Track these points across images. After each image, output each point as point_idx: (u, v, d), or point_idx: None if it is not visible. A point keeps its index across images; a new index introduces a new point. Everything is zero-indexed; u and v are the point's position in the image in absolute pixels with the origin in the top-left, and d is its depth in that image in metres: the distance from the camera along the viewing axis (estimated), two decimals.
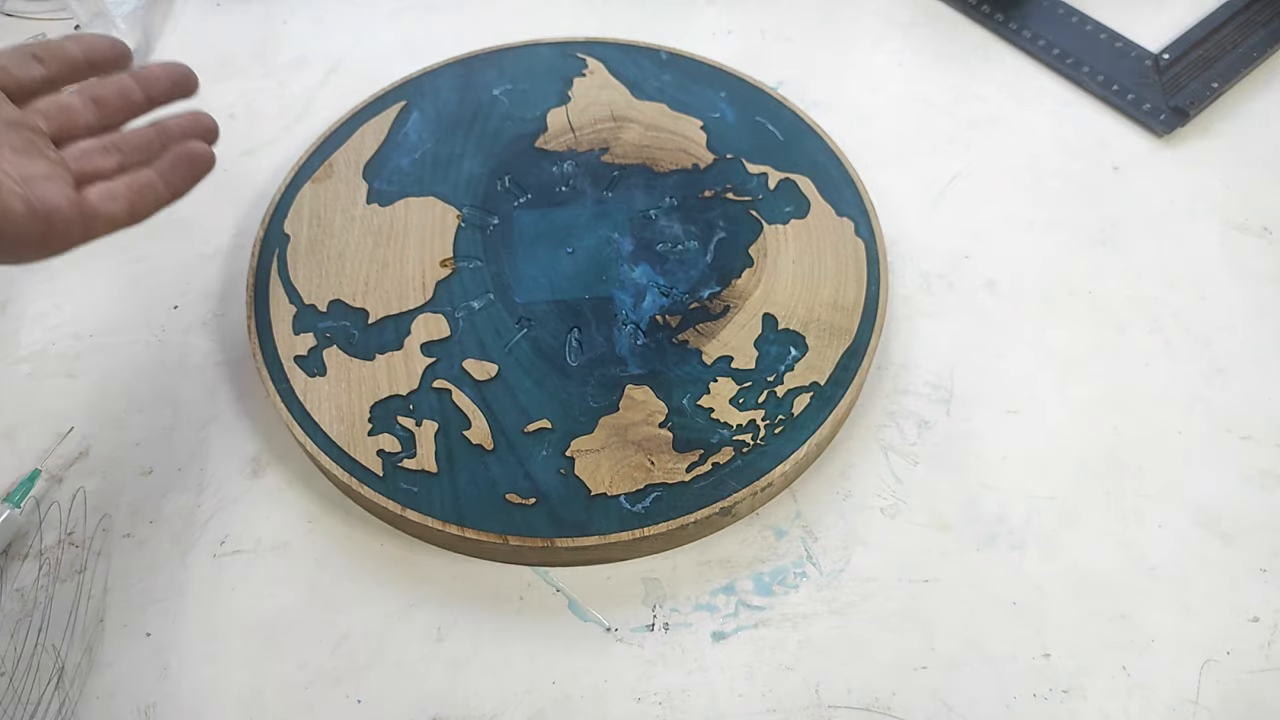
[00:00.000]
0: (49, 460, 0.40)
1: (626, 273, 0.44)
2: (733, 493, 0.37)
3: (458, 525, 0.36)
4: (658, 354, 0.41)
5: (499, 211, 0.46)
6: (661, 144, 0.48)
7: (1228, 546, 0.38)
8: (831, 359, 0.41)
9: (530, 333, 0.41)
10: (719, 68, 0.51)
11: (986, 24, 0.56)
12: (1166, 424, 0.42)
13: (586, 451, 0.38)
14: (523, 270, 0.44)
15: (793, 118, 0.49)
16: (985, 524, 0.39)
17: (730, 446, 0.38)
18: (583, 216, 0.46)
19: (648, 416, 0.39)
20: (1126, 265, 0.46)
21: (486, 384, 0.40)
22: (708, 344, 0.41)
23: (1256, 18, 0.55)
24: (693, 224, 0.45)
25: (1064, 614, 0.37)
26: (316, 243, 0.44)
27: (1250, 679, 0.35)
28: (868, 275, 0.43)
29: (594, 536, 0.36)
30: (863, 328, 0.42)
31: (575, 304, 0.42)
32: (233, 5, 0.58)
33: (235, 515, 0.39)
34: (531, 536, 0.36)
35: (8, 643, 0.36)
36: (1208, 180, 0.50)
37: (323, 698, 0.35)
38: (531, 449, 0.38)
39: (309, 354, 0.41)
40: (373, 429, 0.39)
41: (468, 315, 0.42)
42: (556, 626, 0.37)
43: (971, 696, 0.35)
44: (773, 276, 0.43)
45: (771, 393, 0.40)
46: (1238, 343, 0.44)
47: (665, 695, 0.35)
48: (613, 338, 0.41)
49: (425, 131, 0.48)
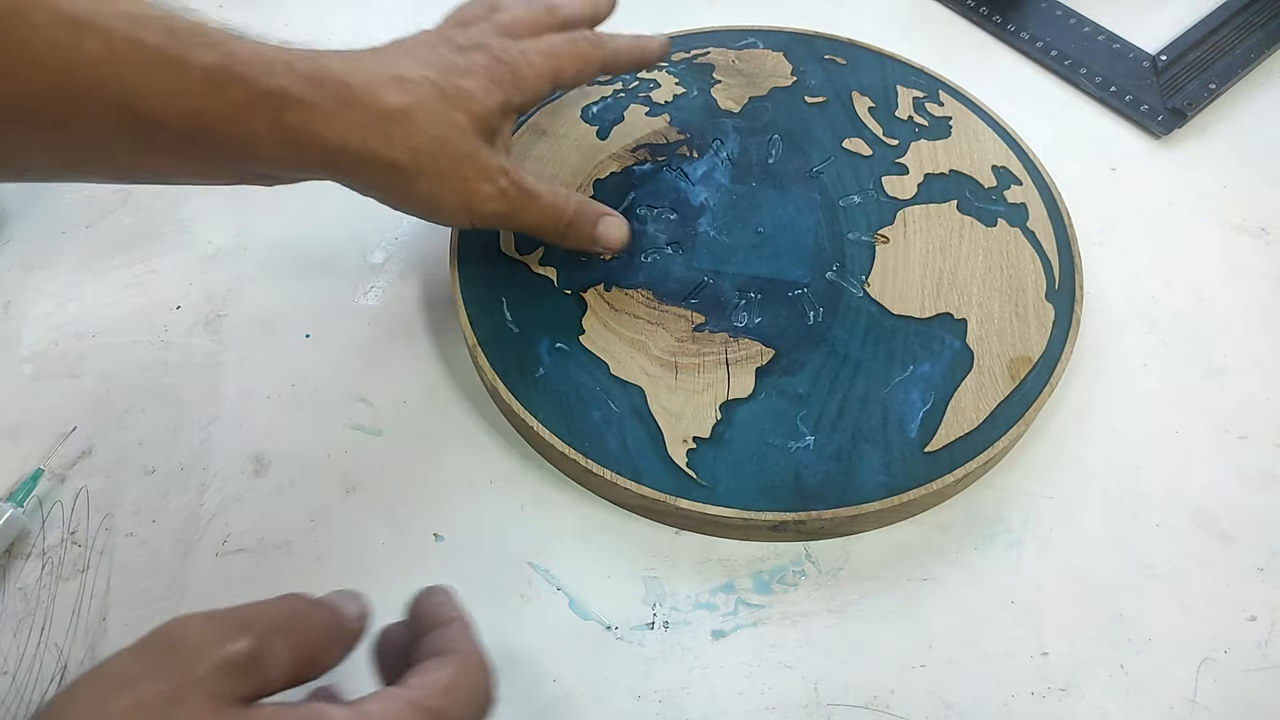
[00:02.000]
0: (52, 460, 0.40)
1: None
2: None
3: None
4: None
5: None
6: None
7: (1225, 546, 0.39)
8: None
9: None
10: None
11: (984, 26, 0.57)
12: (1164, 423, 0.42)
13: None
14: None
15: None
16: (984, 523, 0.39)
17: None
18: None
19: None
20: (1124, 265, 0.47)
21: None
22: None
23: (1254, 19, 0.55)
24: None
25: (1062, 613, 0.37)
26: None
27: (1248, 678, 0.36)
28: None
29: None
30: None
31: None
32: (234, 7, 0.58)
33: (237, 514, 0.39)
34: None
35: (10, 642, 0.36)
36: (1205, 181, 0.50)
37: None
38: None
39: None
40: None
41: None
42: (556, 625, 0.37)
43: (970, 695, 0.35)
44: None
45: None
46: (1236, 343, 0.44)
47: (665, 693, 0.35)
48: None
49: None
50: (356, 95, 0.34)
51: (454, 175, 0.36)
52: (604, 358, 0.40)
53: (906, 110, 0.49)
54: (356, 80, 0.34)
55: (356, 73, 0.34)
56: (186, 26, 0.30)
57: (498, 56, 0.38)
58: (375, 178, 0.35)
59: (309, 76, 0.33)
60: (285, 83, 0.32)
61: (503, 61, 0.37)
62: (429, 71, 0.36)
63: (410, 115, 0.35)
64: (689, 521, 0.38)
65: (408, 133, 0.34)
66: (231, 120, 0.31)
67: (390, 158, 0.34)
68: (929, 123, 0.48)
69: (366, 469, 0.40)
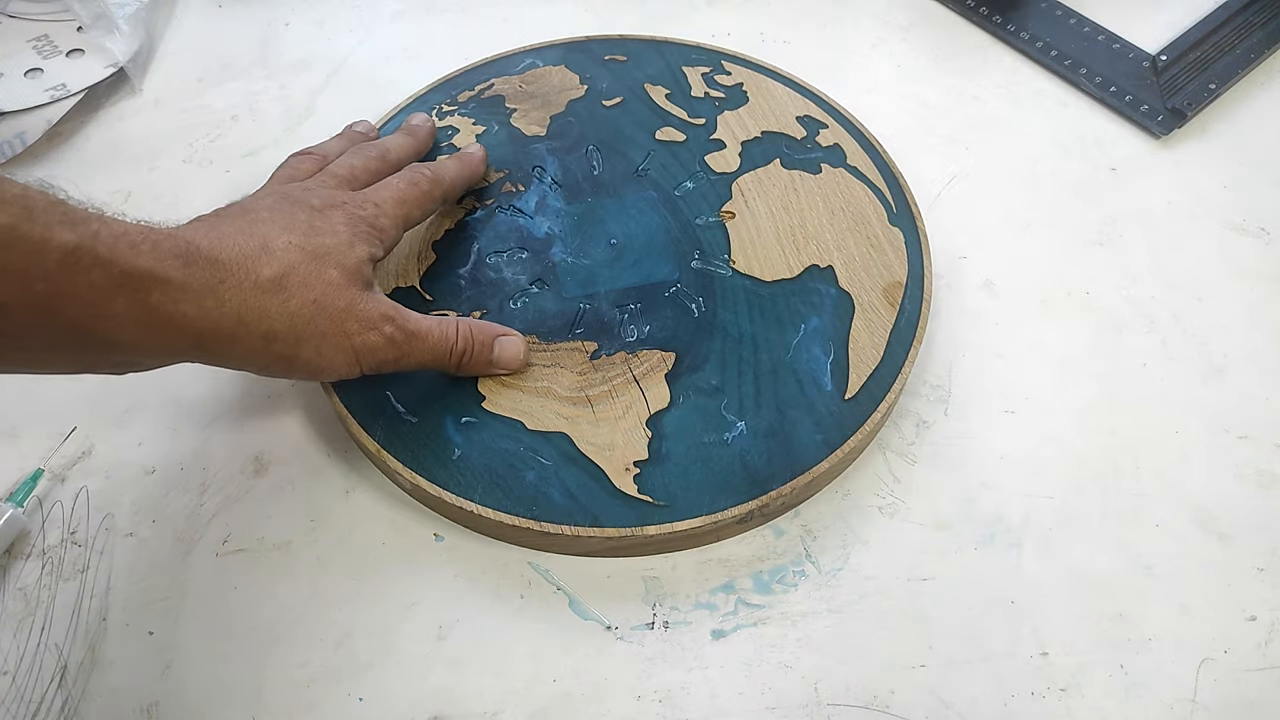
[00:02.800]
0: (52, 460, 0.40)
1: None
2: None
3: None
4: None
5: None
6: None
7: (1225, 546, 0.39)
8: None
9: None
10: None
11: (984, 26, 0.57)
12: (1164, 424, 0.42)
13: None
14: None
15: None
16: (983, 523, 0.39)
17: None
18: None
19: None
20: (1124, 266, 0.47)
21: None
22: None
23: (1254, 19, 0.55)
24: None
25: (1062, 613, 0.37)
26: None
27: (1248, 677, 0.36)
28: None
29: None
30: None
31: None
32: (234, 7, 0.58)
33: (237, 514, 0.39)
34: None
35: (10, 641, 0.36)
36: (1205, 181, 0.50)
37: (324, 696, 0.35)
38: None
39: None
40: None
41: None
42: (557, 625, 0.37)
43: (969, 695, 0.35)
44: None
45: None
46: (1235, 343, 0.44)
47: (665, 693, 0.35)
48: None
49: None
50: (228, 270, 0.32)
51: (337, 333, 0.35)
52: (516, 416, 0.39)
53: (700, 88, 0.50)
54: (225, 255, 0.33)
55: (223, 248, 0.33)
56: (45, 205, 0.28)
57: (354, 213, 0.38)
58: (252, 353, 0.34)
59: (176, 254, 0.31)
60: (150, 263, 0.30)
61: (360, 217, 0.38)
62: (293, 236, 0.35)
63: (284, 283, 0.34)
64: (661, 545, 0.38)
65: (283, 300, 0.34)
66: (90, 304, 0.29)
67: (267, 329, 0.33)
68: (725, 94, 0.50)
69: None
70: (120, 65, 0.52)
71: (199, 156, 0.51)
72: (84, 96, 0.51)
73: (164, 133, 0.52)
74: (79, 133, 0.52)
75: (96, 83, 0.52)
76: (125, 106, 0.53)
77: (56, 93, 0.51)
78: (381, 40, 0.57)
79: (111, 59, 0.53)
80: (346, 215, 0.37)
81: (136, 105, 0.53)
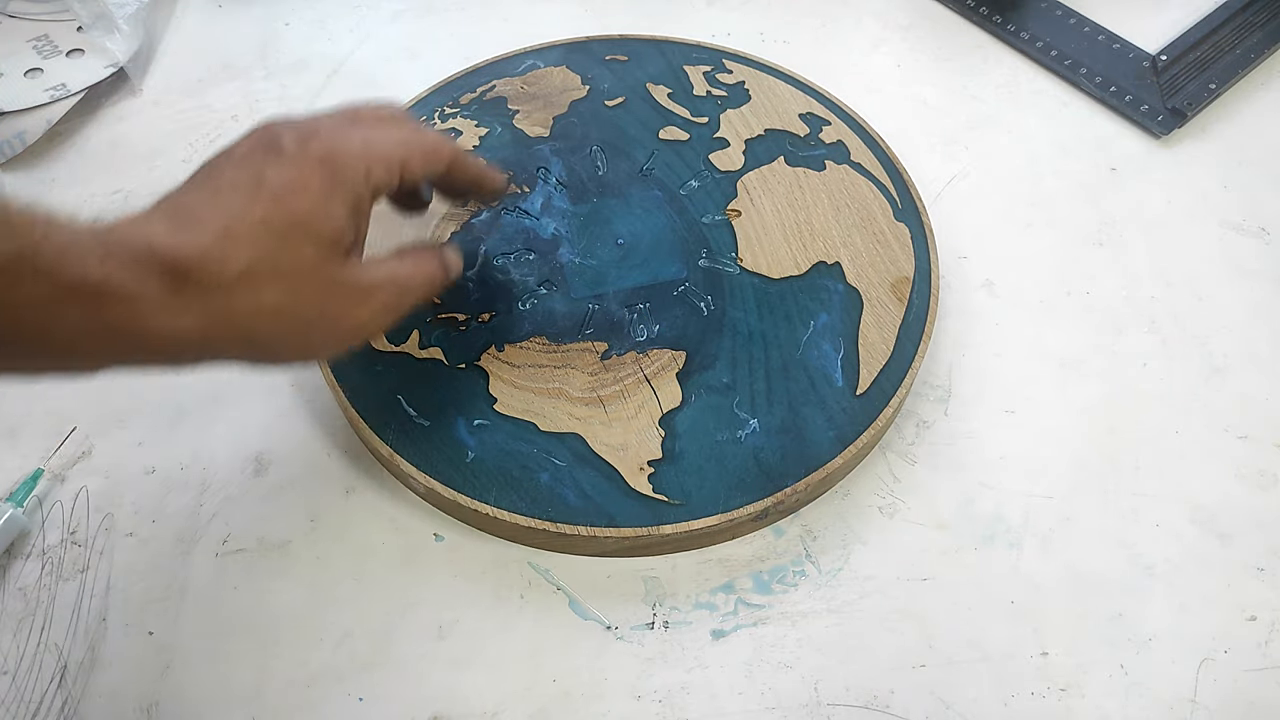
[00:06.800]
0: (52, 460, 0.40)
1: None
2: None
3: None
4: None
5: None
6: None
7: (1225, 545, 0.39)
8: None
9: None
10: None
11: (984, 26, 0.57)
12: (1164, 423, 0.42)
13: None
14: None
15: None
16: (983, 523, 0.39)
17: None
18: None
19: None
20: (1124, 266, 0.47)
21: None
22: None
23: (1254, 19, 0.55)
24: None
25: (1062, 612, 0.37)
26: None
27: (1248, 677, 0.36)
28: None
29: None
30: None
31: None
32: (234, 7, 0.58)
33: (237, 514, 0.39)
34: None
35: (10, 641, 0.36)
36: (1205, 181, 0.50)
37: (324, 696, 0.35)
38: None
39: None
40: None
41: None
42: (557, 625, 0.37)
43: (969, 695, 0.35)
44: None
45: None
46: (1235, 343, 0.44)
47: (665, 693, 0.35)
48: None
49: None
50: (189, 272, 0.28)
51: (323, 318, 0.31)
52: (528, 418, 0.39)
53: (702, 86, 0.50)
54: (186, 251, 0.28)
55: (183, 242, 0.28)
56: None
57: (334, 147, 0.31)
58: (229, 355, 0.30)
59: (132, 260, 0.27)
60: (100, 275, 0.27)
61: (341, 151, 0.31)
62: (259, 207, 0.30)
63: (253, 276, 0.29)
64: (677, 544, 0.38)
65: (255, 296, 0.29)
66: (33, 315, 0.26)
67: (241, 332, 0.29)
68: (727, 92, 0.50)
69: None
70: (120, 65, 0.52)
71: (199, 156, 0.51)
72: (84, 96, 0.51)
73: (164, 133, 0.52)
74: (79, 133, 0.52)
75: (96, 83, 0.52)
76: (125, 106, 0.53)
77: (56, 93, 0.51)
78: (381, 40, 0.57)
79: (111, 59, 0.53)
80: (325, 151, 0.31)
81: (136, 105, 0.53)
